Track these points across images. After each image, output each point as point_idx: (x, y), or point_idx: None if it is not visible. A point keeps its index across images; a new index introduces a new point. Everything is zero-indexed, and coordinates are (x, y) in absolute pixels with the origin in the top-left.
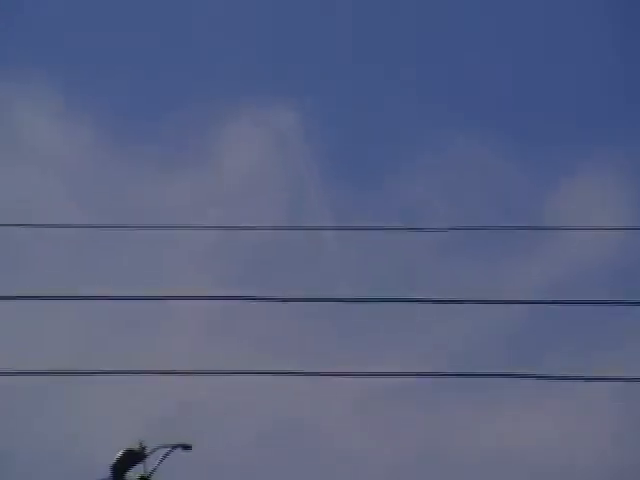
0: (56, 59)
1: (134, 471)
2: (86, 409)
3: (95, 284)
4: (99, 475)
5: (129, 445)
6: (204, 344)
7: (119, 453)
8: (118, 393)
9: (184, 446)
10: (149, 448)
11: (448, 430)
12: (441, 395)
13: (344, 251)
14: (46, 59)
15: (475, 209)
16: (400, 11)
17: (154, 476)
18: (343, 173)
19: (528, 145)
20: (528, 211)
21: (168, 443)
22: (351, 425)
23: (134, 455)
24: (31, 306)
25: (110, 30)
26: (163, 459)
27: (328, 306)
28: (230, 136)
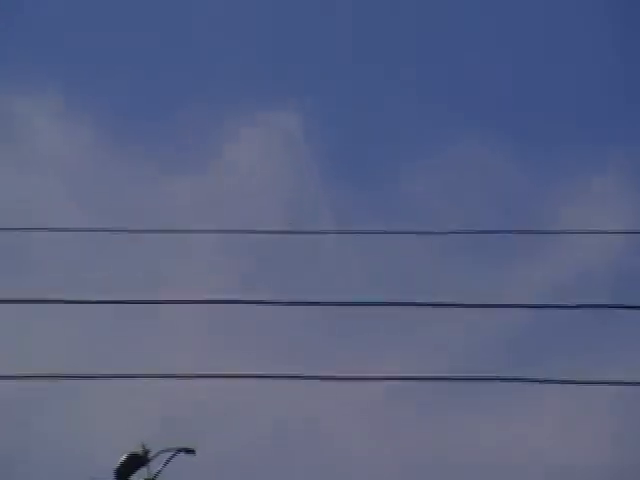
0: (56, 59)
1: (138, 475)
2: (88, 413)
3: (96, 287)
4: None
5: (132, 449)
6: (206, 347)
7: (122, 457)
8: (121, 397)
9: (187, 450)
10: (153, 452)
11: (450, 433)
12: (442, 398)
13: (345, 253)
14: (46, 59)
15: (475, 209)
16: (400, 11)
17: None
18: (343, 173)
19: (528, 145)
20: (528, 211)
21: (172, 447)
22: (353, 428)
23: (138, 459)
24: (31, 310)
25: (110, 30)
26: (167, 463)
27: (329, 309)
28: (230, 136)
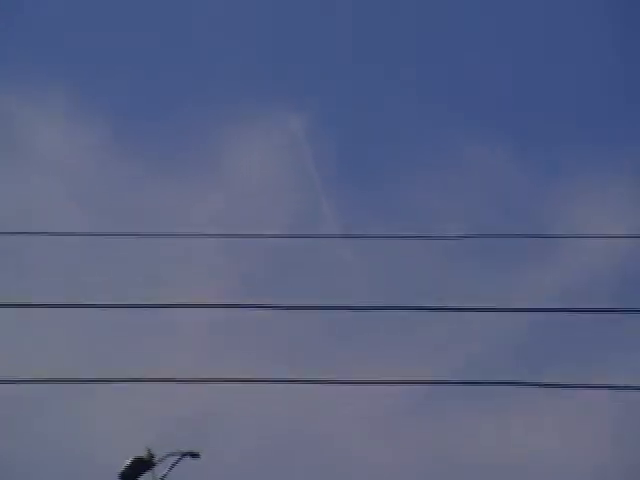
0: (56, 59)
1: (143, 479)
2: (93, 418)
3: (98, 291)
4: None
5: (137, 453)
6: (210, 352)
7: (127, 461)
8: (124, 401)
9: (192, 454)
10: (158, 456)
11: (455, 438)
12: (448, 403)
13: (350, 257)
14: (46, 59)
15: (476, 209)
16: (400, 11)
17: None
18: (344, 173)
19: (529, 145)
20: (531, 212)
21: (176, 451)
22: (358, 432)
23: (143, 463)
24: (33, 314)
25: (110, 30)
26: (172, 467)
27: (333, 313)
28: (231, 136)
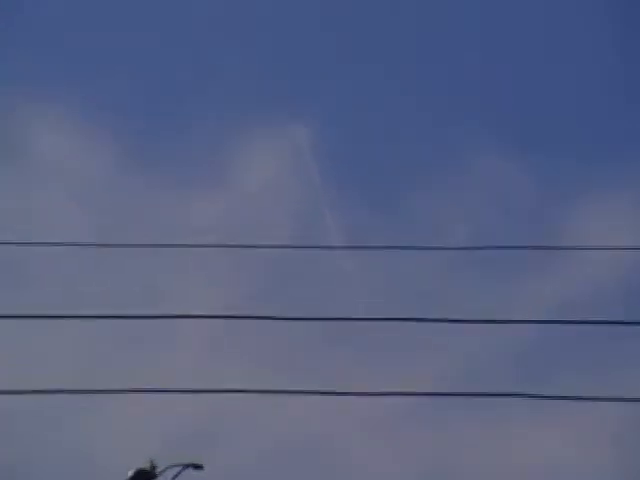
0: (56, 59)
1: None
2: (95, 429)
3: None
4: None
5: (140, 465)
6: (214, 361)
7: (130, 472)
8: (126, 412)
9: (195, 466)
10: (160, 467)
11: (456, 448)
12: (450, 413)
13: (353, 268)
14: (46, 59)
15: (476, 209)
16: (400, 11)
17: None
18: (344, 172)
19: (529, 145)
20: (529, 212)
21: (179, 462)
22: (360, 442)
23: (145, 474)
24: (36, 325)
25: (110, 30)
26: (174, 478)
27: (335, 324)
28: (231, 138)
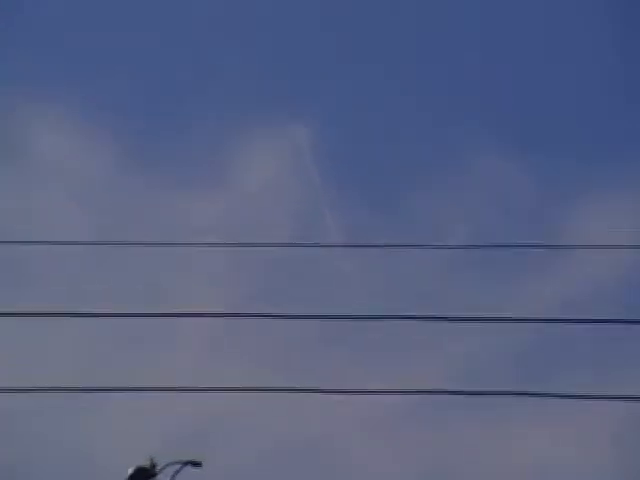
0: (56, 59)
1: None
2: (96, 427)
3: (104, 301)
4: None
5: (140, 462)
6: (214, 361)
7: (130, 470)
8: (126, 410)
9: (194, 463)
10: (160, 465)
11: (456, 448)
12: (449, 413)
13: (352, 267)
14: (46, 59)
15: (476, 209)
16: (400, 11)
17: None
18: (344, 172)
19: (529, 145)
20: (529, 212)
21: (178, 460)
22: (360, 442)
23: (145, 472)
24: (36, 323)
25: (110, 30)
26: (174, 476)
27: (334, 323)
28: (232, 139)
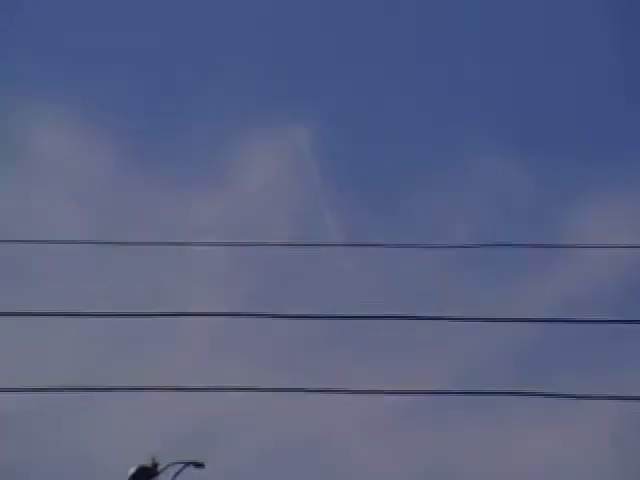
0: (56, 59)
1: None
2: (97, 426)
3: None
4: None
5: (142, 462)
6: (214, 361)
7: (132, 470)
8: (126, 410)
9: (196, 464)
10: (162, 465)
11: (456, 448)
12: (450, 413)
13: (352, 266)
14: (46, 59)
15: (476, 209)
16: (400, 11)
17: None
18: (344, 172)
19: (529, 145)
20: (529, 212)
21: (181, 460)
22: (360, 442)
23: (147, 472)
24: (36, 323)
25: (110, 30)
26: (176, 476)
27: (334, 323)
28: (232, 140)
